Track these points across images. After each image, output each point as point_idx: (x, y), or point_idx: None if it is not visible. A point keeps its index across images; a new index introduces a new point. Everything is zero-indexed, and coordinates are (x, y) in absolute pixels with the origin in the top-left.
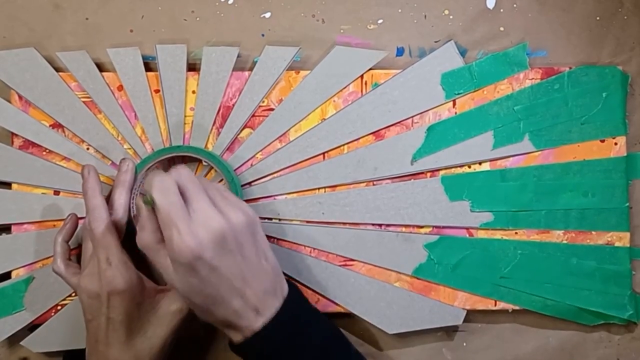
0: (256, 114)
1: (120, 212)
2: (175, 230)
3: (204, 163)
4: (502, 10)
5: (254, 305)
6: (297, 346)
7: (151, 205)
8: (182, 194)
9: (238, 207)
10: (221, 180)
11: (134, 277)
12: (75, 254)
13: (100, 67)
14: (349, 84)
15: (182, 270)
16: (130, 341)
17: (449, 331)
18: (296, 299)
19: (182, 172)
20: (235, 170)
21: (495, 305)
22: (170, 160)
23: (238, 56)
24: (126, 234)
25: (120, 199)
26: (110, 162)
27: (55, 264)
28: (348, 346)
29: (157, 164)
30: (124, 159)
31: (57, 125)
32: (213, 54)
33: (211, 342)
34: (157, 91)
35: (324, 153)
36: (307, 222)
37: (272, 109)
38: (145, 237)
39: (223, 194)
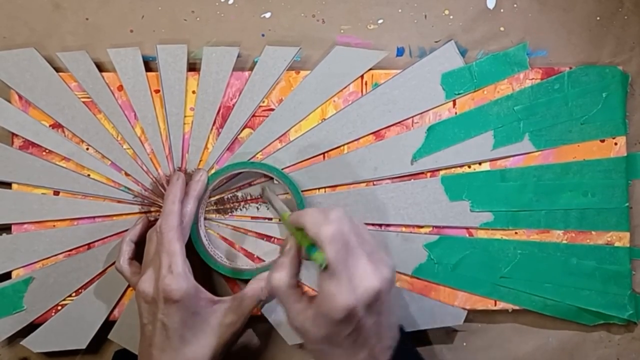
0: (256, 114)
1: (186, 219)
2: (337, 286)
3: (275, 181)
4: (502, 10)
5: (376, 358)
6: None
7: (323, 263)
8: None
9: (385, 261)
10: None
11: (192, 288)
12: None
13: (100, 67)
14: (349, 84)
15: (326, 323)
16: (183, 348)
17: (449, 331)
18: (406, 345)
19: (344, 220)
20: None
21: (495, 305)
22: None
23: (238, 56)
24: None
25: (187, 207)
26: (109, 162)
27: (119, 262)
28: None
29: (228, 178)
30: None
31: (57, 126)
32: (213, 54)
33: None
34: (157, 91)
35: (324, 153)
36: None
37: (272, 109)
38: (281, 279)
39: (370, 243)
